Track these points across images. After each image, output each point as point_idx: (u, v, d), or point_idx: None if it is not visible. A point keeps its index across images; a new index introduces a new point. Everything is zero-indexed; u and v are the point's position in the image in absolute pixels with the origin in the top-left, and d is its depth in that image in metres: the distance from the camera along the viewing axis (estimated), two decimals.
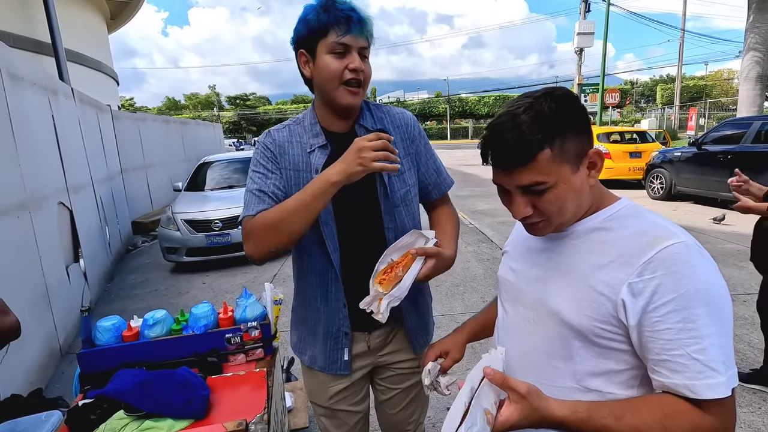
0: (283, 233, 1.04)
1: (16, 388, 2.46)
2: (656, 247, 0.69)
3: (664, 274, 0.67)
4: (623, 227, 0.76)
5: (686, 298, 0.65)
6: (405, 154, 1.20)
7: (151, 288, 5.06)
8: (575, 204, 0.77)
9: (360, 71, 1.06)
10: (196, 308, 1.52)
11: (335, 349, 1.22)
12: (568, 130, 0.73)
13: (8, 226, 2.84)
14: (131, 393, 1.19)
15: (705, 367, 0.64)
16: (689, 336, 0.65)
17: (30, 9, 7.63)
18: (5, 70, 3.08)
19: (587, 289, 0.74)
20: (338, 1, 1.05)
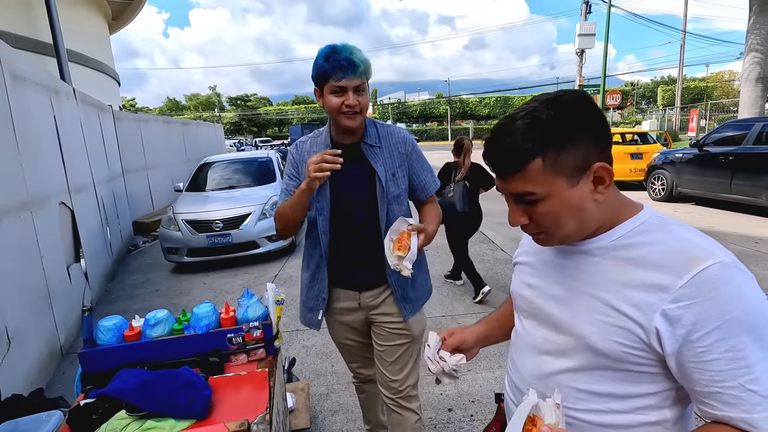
0: (288, 220, 1.52)
1: (16, 388, 2.46)
2: (692, 270, 0.64)
3: (705, 300, 0.62)
4: (650, 243, 0.70)
5: (733, 325, 0.61)
6: (400, 164, 1.54)
7: (152, 288, 5.06)
8: (575, 220, 0.72)
9: (354, 105, 1.39)
10: (197, 308, 1.52)
11: (312, 309, 1.62)
12: (567, 141, 0.68)
13: (10, 226, 2.84)
14: (133, 393, 1.19)
15: (761, 398, 0.60)
16: (740, 366, 0.61)
17: (32, 10, 7.65)
18: (7, 70, 3.09)
19: (614, 312, 0.69)
20: (339, 50, 1.35)
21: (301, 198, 1.42)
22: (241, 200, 5.92)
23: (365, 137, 1.51)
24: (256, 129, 55.92)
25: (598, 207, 0.72)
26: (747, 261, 4.64)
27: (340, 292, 1.60)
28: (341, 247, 1.54)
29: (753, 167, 6.62)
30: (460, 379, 2.72)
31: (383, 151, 1.52)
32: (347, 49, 1.36)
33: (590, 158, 0.69)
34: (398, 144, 1.55)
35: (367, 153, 1.51)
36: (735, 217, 6.81)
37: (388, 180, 1.50)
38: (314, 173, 1.33)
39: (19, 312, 2.82)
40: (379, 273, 1.55)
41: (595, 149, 0.70)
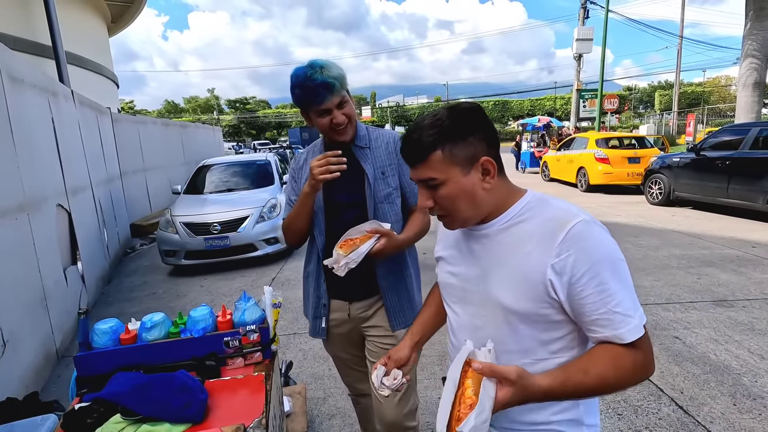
0: (294, 230, 1.54)
1: (11, 391, 2.44)
2: (564, 229, 0.82)
3: (576, 251, 0.81)
4: (534, 216, 0.88)
5: (597, 265, 0.80)
6: (389, 163, 1.54)
7: (149, 291, 5.04)
8: (469, 204, 0.88)
9: (342, 122, 1.43)
10: (194, 311, 1.51)
11: (316, 317, 1.60)
12: (460, 138, 0.85)
13: (6, 228, 2.83)
14: (128, 396, 1.18)
15: (624, 317, 0.80)
16: (606, 295, 0.80)
17: (31, 12, 7.65)
18: (5, 72, 3.08)
19: (521, 276, 0.86)
20: (310, 76, 1.35)
21: (305, 202, 1.44)
22: (239, 203, 5.91)
23: (356, 140, 1.54)
24: (254, 132, 55.87)
25: (487, 194, 0.89)
26: (744, 265, 4.67)
27: (333, 302, 1.58)
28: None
29: (750, 172, 6.65)
30: None
31: (372, 151, 1.54)
32: (315, 69, 1.36)
33: (479, 153, 0.87)
34: (388, 143, 1.57)
35: (358, 154, 1.53)
36: (732, 222, 6.83)
37: (377, 178, 1.51)
38: (320, 175, 1.35)
39: (15, 314, 2.80)
40: (371, 281, 1.52)
41: (484, 147, 0.87)
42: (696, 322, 3.41)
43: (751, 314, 3.50)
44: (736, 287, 4.08)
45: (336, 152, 1.37)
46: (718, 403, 2.41)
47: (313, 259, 1.59)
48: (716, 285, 4.16)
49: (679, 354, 2.94)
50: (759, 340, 3.08)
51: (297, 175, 1.62)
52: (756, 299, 3.80)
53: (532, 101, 48.60)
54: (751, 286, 4.09)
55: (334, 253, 1.33)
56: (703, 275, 4.45)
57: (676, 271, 4.62)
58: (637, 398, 2.48)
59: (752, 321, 3.38)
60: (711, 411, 2.34)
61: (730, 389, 2.52)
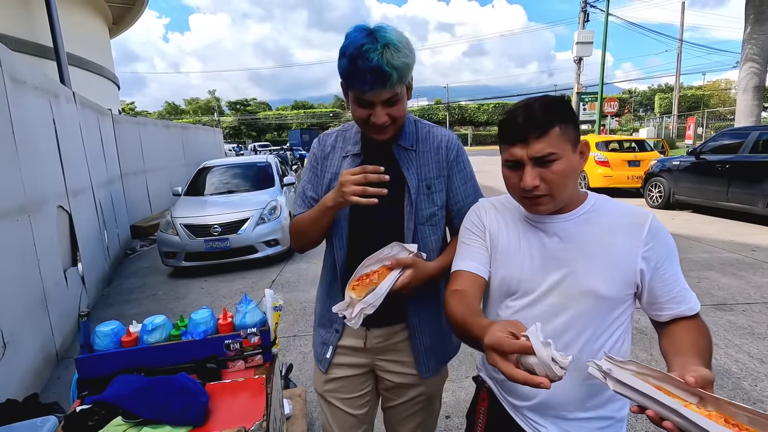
0: (306, 237, 1.28)
1: (11, 392, 2.44)
2: (647, 222, 0.95)
3: (657, 242, 0.94)
4: (607, 212, 0.99)
5: (671, 254, 0.95)
6: (438, 175, 1.23)
7: (149, 293, 5.04)
8: (573, 182, 0.94)
9: (383, 123, 1.10)
10: (195, 314, 1.51)
11: (324, 342, 1.35)
12: (569, 119, 0.91)
13: (7, 229, 2.84)
14: (129, 399, 1.18)
15: (690, 292, 0.96)
16: (678, 278, 0.95)
17: (33, 13, 7.67)
18: (7, 73, 3.09)
19: (612, 265, 0.94)
20: (367, 50, 1.01)
21: (325, 214, 1.18)
22: (240, 205, 5.92)
23: (400, 138, 1.22)
24: (255, 134, 55.94)
25: (578, 177, 0.99)
26: (745, 269, 4.67)
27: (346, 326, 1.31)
28: None
29: (749, 175, 6.66)
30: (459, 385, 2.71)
31: (419, 155, 1.23)
32: (377, 48, 1.01)
33: (578, 136, 0.94)
34: (440, 148, 1.24)
35: (399, 157, 1.21)
36: (732, 225, 6.84)
37: (421, 193, 1.21)
38: (352, 197, 1.06)
39: (15, 315, 2.81)
40: (397, 307, 1.22)
41: (579, 132, 0.95)
42: None
43: (750, 318, 3.50)
44: (736, 291, 4.08)
45: (378, 168, 1.06)
46: None
47: (329, 274, 1.34)
48: (716, 289, 4.17)
49: None
50: (759, 344, 3.08)
51: (319, 164, 1.30)
52: (756, 303, 3.80)
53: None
54: (750, 290, 4.09)
55: (346, 295, 1.09)
56: (702, 279, 4.45)
57: None
58: None
59: (752, 325, 3.38)
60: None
61: (729, 393, 2.52)
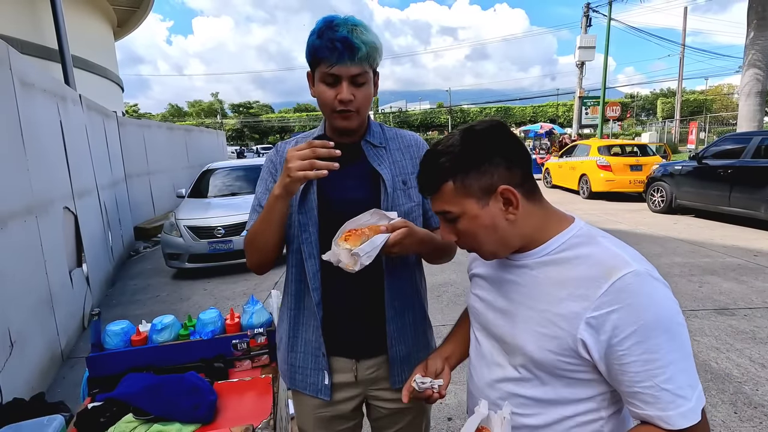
0: (259, 248, 1.11)
1: (18, 391, 2.47)
2: (610, 280, 0.70)
3: (622, 307, 0.68)
4: (577, 256, 0.76)
5: (647, 329, 0.66)
6: (412, 171, 1.16)
7: (152, 294, 5.07)
8: (491, 238, 0.79)
9: (347, 101, 1.03)
10: (203, 314, 1.54)
11: (315, 369, 1.15)
12: (472, 167, 0.75)
13: (15, 230, 2.87)
14: (140, 396, 1.21)
15: (674, 396, 0.66)
16: (655, 366, 0.66)
17: (38, 15, 7.74)
18: (17, 77, 3.13)
19: (548, 323, 0.75)
20: (336, 24, 1.01)
21: (274, 208, 1.03)
22: (243, 207, 5.94)
23: (367, 135, 1.16)
24: (257, 136, 56.10)
25: (513, 225, 0.78)
26: (746, 274, 4.68)
27: (335, 359, 1.15)
28: (331, 284, 1.11)
29: (752, 180, 6.67)
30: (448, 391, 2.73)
31: (391, 153, 1.17)
32: (347, 24, 1.01)
33: (497, 181, 0.76)
34: (410, 146, 1.19)
35: (369, 153, 1.14)
36: (734, 230, 6.84)
37: (397, 188, 1.13)
38: (299, 171, 0.95)
39: (23, 315, 2.84)
40: (381, 331, 1.13)
41: (504, 173, 0.76)
42: (697, 330, 3.42)
43: (752, 323, 3.51)
44: (738, 296, 4.09)
45: (326, 143, 0.98)
46: (719, 411, 2.42)
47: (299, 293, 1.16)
48: (718, 293, 4.17)
49: None
50: (760, 348, 3.09)
51: (277, 173, 1.16)
52: (758, 308, 3.81)
53: (534, 108, 48.70)
54: (752, 295, 4.10)
55: (335, 248, 0.99)
56: (704, 283, 4.46)
57: (678, 278, 4.63)
58: None
59: (754, 330, 3.39)
60: (712, 419, 2.35)
61: (731, 397, 2.54)
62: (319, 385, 1.15)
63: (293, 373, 1.19)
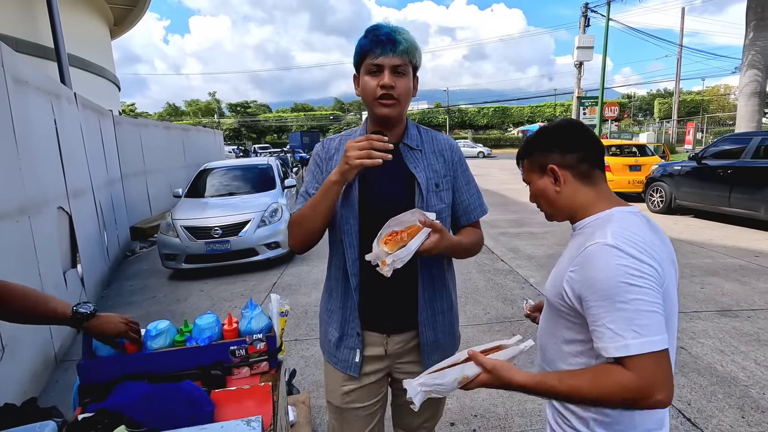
0: (304, 229, 1.24)
1: (8, 396, 2.41)
2: (583, 246, 0.91)
3: (583, 268, 0.89)
4: (592, 230, 0.95)
5: (595, 287, 0.86)
6: (445, 173, 1.30)
7: (149, 295, 5.00)
8: (545, 201, 1.06)
9: (390, 87, 1.16)
10: (200, 319, 1.48)
11: (348, 347, 1.31)
12: (537, 150, 1.05)
13: (7, 231, 2.80)
14: (134, 407, 1.15)
15: (614, 334, 0.83)
16: (605, 311, 0.85)
17: (34, 14, 7.65)
18: (9, 74, 3.07)
19: (556, 275, 0.99)
20: (380, 26, 1.19)
21: (329, 192, 1.16)
22: (241, 207, 5.89)
23: (405, 137, 1.28)
24: (255, 135, 55.94)
25: (560, 196, 1.02)
26: (748, 275, 4.65)
27: (366, 334, 1.31)
28: (371, 270, 1.19)
29: (752, 181, 6.65)
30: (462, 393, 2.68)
31: (426, 156, 1.29)
32: (390, 26, 1.20)
33: (549, 162, 1.02)
34: (444, 150, 1.32)
35: (406, 156, 1.26)
36: (734, 230, 6.82)
37: (430, 190, 1.26)
38: (357, 160, 1.09)
39: None
40: (413, 310, 1.28)
41: (557, 157, 1.01)
42: (701, 332, 3.38)
43: (756, 325, 3.47)
44: (740, 297, 4.06)
45: (382, 137, 1.12)
46: (727, 415, 2.38)
47: (340, 278, 1.31)
48: (720, 294, 4.14)
49: (685, 365, 2.91)
50: (766, 351, 3.05)
51: (324, 165, 1.31)
52: (761, 309, 3.78)
53: (532, 108, 48.72)
54: (755, 296, 4.07)
55: (376, 248, 1.10)
56: (706, 284, 4.43)
57: (679, 280, 4.59)
58: None
59: (758, 332, 3.35)
60: (719, 424, 2.31)
61: (738, 401, 2.50)
62: (350, 362, 1.31)
63: (329, 346, 1.36)
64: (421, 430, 1.47)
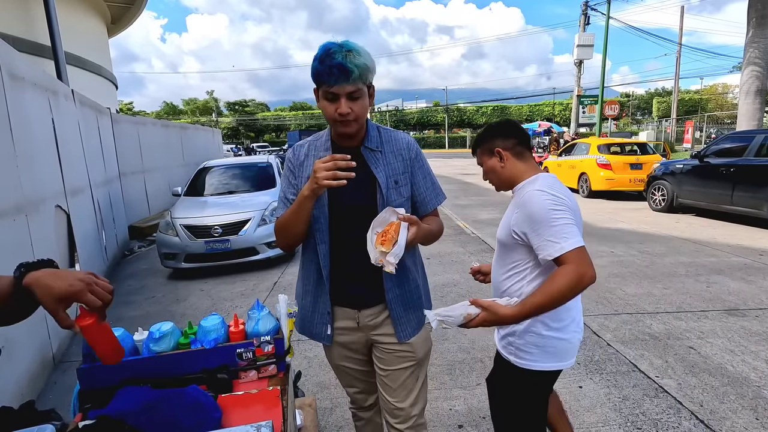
0: (289, 233, 1.40)
1: (6, 399, 2.35)
2: (521, 195, 1.40)
3: (523, 208, 1.35)
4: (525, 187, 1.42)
5: (532, 220, 1.31)
6: (403, 170, 1.45)
7: (148, 294, 4.93)
8: (495, 176, 1.52)
9: (346, 114, 1.28)
10: (205, 321, 1.42)
11: (320, 323, 1.48)
12: (486, 138, 1.52)
13: (4, 229, 2.74)
14: (136, 414, 1.10)
15: (553, 243, 1.25)
16: (542, 232, 1.28)
17: (31, 12, 7.57)
18: (6, 69, 3.00)
19: (506, 219, 1.45)
20: (333, 53, 1.23)
21: (303, 205, 1.30)
22: (241, 206, 5.82)
23: (366, 141, 1.41)
24: (253, 134, 55.75)
25: (504, 170, 1.48)
26: (753, 273, 4.61)
27: (338, 309, 1.46)
28: (339, 259, 1.42)
29: (755, 179, 6.61)
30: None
31: (385, 156, 1.42)
32: (342, 51, 1.24)
33: (495, 146, 1.48)
34: (401, 149, 1.45)
35: (368, 158, 1.40)
36: (737, 229, 6.78)
37: (390, 187, 1.40)
38: (325, 180, 1.21)
39: None
40: (379, 289, 1.43)
41: (500, 142, 1.48)
42: (709, 331, 3.34)
43: (765, 324, 3.43)
44: (747, 296, 4.02)
45: (345, 156, 1.23)
46: (740, 417, 2.33)
47: (313, 270, 1.46)
48: (726, 294, 4.10)
49: (695, 365, 2.87)
50: None
51: (297, 171, 1.45)
52: None
53: (530, 107, 48.66)
54: (762, 295, 4.03)
55: (376, 252, 1.23)
56: (712, 283, 4.38)
57: (684, 278, 4.56)
58: (656, 411, 2.40)
59: (767, 331, 3.31)
60: (733, 425, 2.27)
61: (751, 402, 2.45)
62: (323, 335, 1.49)
63: (303, 321, 1.53)
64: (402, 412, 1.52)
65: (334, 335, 1.48)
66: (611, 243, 6.10)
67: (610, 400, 2.52)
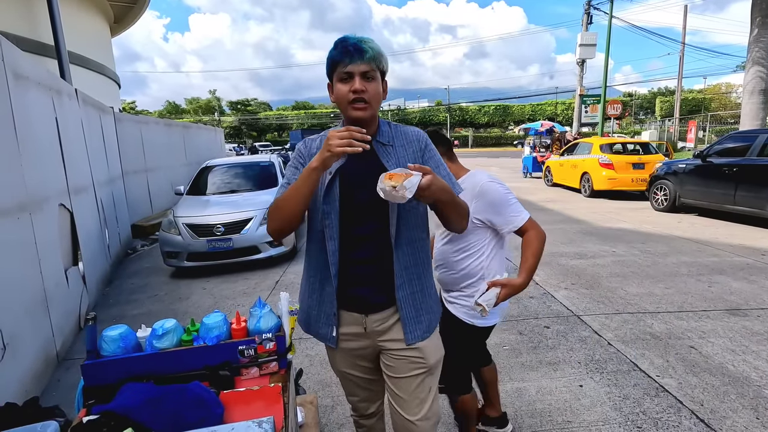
0: (284, 213, 1.30)
1: (10, 396, 2.36)
2: (476, 188, 1.70)
3: (481, 198, 1.69)
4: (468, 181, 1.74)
5: (493, 205, 1.69)
6: (414, 162, 1.40)
7: (150, 293, 4.96)
8: None
9: (361, 91, 1.26)
10: (207, 318, 1.44)
11: (326, 324, 1.42)
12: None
13: (8, 228, 2.76)
14: (140, 410, 1.11)
15: (516, 216, 1.68)
16: (504, 212, 1.69)
17: (34, 10, 7.60)
18: (10, 68, 3.02)
19: None
20: (348, 37, 1.29)
21: (309, 178, 1.23)
22: (243, 205, 5.84)
23: (378, 135, 1.38)
24: (255, 134, 55.82)
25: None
26: (756, 273, 4.60)
27: (345, 314, 1.40)
28: (347, 256, 1.35)
29: (758, 179, 6.59)
30: None
31: (396, 150, 1.39)
32: (357, 37, 1.29)
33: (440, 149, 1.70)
34: (412, 142, 1.43)
35: (380, 152, 1.37)
36: (739, 229, 6.77)
37: None
38: (338, 147, 1.17)
39: (15, 316, 2.73)
40: (389, 292, 1.36)
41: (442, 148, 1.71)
42: (711, 331, 3.34)
43: (766, 324, 3.43)
44: (749, 296, 4.01)
45: (360, 129, 1.20)
46: (741, 416, 2.34)
47: (319, 266, 1.40)
48: (728, 293, 4.09)
49: (696, 364, 2.87)
50: None
51: (306, 162, 1.39)
52: None
53: (533, 106, 48.59)
54: (764, 295, 4.02)
55: (386, 185, 1.13)
56: (714, 283, 4.38)
57: (686, 278, 4.55)
58: (656, 410, 2.41)
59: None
60: (734, 425, 2.27)
61: (751, 402, 2.45)
62: (328, 336, 1.42)
63: (308, 320, 1.46)
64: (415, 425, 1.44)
65: (340, 341, 1.42)
66: (613, 242, 6.10)
67: (610, 399, 2.53)
